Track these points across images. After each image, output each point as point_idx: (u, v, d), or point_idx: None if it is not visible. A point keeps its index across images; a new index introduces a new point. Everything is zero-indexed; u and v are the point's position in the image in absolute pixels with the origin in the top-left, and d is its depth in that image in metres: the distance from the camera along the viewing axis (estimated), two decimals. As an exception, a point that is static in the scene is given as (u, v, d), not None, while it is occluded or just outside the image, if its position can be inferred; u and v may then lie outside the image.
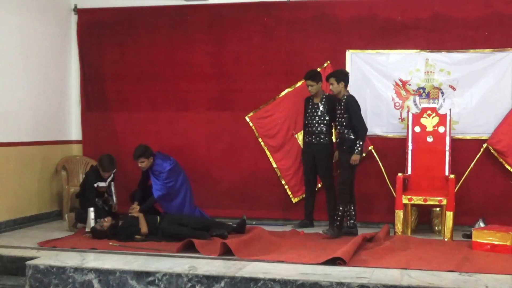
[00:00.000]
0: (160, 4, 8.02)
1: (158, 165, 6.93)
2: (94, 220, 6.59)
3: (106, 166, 6.87)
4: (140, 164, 6.89)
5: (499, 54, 7.10)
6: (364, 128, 6.69)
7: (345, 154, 6.69)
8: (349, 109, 6.66)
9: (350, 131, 6.69)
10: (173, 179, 6.97)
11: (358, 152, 6.60)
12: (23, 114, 7.36)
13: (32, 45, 7.51)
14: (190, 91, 7.98)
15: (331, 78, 6.75)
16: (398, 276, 4.90)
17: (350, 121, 6.66)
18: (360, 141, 6.62)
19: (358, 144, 6.61)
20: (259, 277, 4.81)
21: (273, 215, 7.68)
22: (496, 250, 5.83)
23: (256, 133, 7.78)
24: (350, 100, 6.72)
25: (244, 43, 7.81)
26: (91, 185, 6.90)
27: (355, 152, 6.59)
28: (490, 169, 7.13)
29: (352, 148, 6.63)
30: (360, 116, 6.71)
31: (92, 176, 6.98)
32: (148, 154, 6.88)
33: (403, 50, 7.38)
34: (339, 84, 6.70)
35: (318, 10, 7.58)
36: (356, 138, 6.64)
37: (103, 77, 8.26)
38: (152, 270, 5.05)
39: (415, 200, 6.65)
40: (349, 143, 6.67)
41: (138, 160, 6.87)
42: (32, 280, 5.20)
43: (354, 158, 6.60)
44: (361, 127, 6.66)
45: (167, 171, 6.92)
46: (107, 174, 6.94)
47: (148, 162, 6.88)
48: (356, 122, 6.65)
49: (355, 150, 6.59)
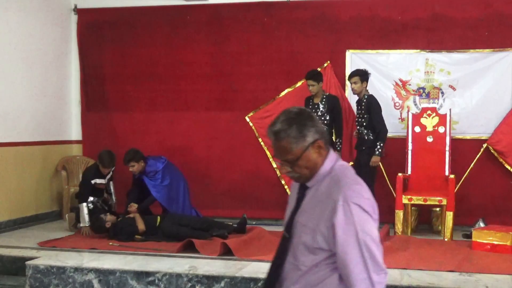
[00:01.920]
0: (160, 4, 8.03)
1: (151, 165, 6.89)
2: (87, 215, 6.59)
3: (106, 162, 6.83)
4: (131, 169, 6.77)
5: (499, 54, 7.10)
6: (384, 129, 6.61)
7: (364, 155, 6.62)
8: (371, 109, 6.60)
9: (370, 132, 6.64)
10: (168, 177, 6.95)
11: (378, 153, 6.54)
12: (23, 114, 7.36)
13: (32, 45, 7.51)
14: (190, 91, 7.98)
15: (354, 76, 6.65)
16: (398, 276, 4.91)
17: (370, 121, 6.60)
18: (380, 142, 6.55)
19: (379, 145, 6.54)
20: (259, 277, 4.80)
21: (273, 215, 7.67)
22: (496, 250, 5.83)
23: (256, 133, 7.78)
24: (371, 100, 6.65)
25: (244, 43, 7.81)
26: (88, 180, 6.85)
27: (375, 154, 6.53)
28: (490, 169, 7.13)
29: (372, 149, 6.56)
30: (381, 117, 6.63)
31: (90, 172, 6.94)
32: (138, 158, 6.77)
33: (403, 50, 7.38)
34: (363, 84, 6.64)
35: (318, 10, 7.58)
36: (376, 139, 6.57)
37: (103, 77, 8.27)
38: (152, 270, 5.05)
39: (415, 200, 6.65)
40: (369, 143, 6.61)
41: (128, 164, 6.75)
42: (32, 280, 5.20)
43: (374, 160, 6.54)
44: (381, 128, 6.59)
45: (161, 170, 6.90)
46: (106, 171, 6.91)
47: (139, 166, 6.79)
48: (377, 122, 6.57)
49: (376, 152, 6.53)
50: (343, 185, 2.13)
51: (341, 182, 2.14)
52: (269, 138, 2.21)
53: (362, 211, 2.08)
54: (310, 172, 2.20)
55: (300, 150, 2.16)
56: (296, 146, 2.15)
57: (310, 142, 2.16)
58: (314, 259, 2.13)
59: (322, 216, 2.11)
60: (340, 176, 2.18)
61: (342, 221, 2.06)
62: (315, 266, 2.14)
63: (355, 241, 2.05)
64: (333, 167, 2.22)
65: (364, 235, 2.05)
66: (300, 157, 2.16)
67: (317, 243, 2.11)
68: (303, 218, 2.20)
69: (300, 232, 2.19)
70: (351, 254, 2.05)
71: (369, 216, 2.10)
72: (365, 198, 2.12)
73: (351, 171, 2.23)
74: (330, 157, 2.23)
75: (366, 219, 2.09)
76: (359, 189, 2.14)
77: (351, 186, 2.14)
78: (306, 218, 2.18)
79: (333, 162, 2.23)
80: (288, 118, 2.16)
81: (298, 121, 2.16)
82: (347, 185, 2.13)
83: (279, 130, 2.15)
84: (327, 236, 2.09)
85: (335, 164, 2.23)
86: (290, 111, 2.19)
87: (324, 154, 2.21)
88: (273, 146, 2.21)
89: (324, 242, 2.10)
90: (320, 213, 2.13)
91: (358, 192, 2.12)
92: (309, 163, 2.18)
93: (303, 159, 2.17)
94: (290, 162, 2.18)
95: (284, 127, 2.15)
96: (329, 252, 2.11)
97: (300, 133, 2.15)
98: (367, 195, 2.14)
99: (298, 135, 2.14)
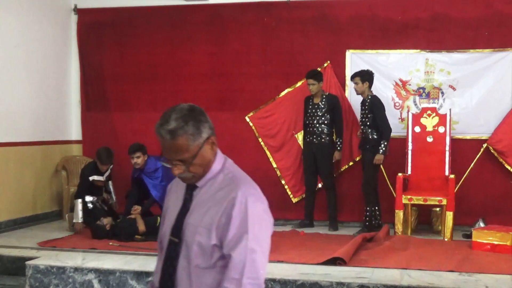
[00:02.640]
0: (160, 4, 8.02)
1: (151, 163, 6.88)
2: (81, 212, 6.59)
3: (104, 159, 6.82)
4: (135, 160, 6.71)
5: (499, 54, 7.10)
6: (388, 129, 6.76)
7: (368, 154, 6.77)
8: (374, 110, 6.74)
9: (374, 131, 6.77)
10: (167, 177, 6.94)
11: (382, 152, 6.68)
12: (23, 114, 7.36)
13: (32, 45, 7.51)
14: (190, 91, 7.97)
15: (356, 77, 6.82)
16: (398, 276, 4.91)
17: (374, 121, 6.74)
18: (384, 141, 6.70)
19: (383, 144, 6.69)
20: (259, 277, 4.80)
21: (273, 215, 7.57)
22: (496, 250, 5.83)
23: (256, 133, 7.78)
24: (374, 100, 6.80)
25: (244, 43, 7.81)
26: (86, 177, 6.85)
27: (379, 152, 6.67)
28: (490, 169, 7.13)
29: (375, 147, 6.70)
30: (384, 117, 6.78)
31: (88, 169, 6.94)
32: (144, 150, 6.82)
33: (403, 50, 7.38)
34: (364, 84, 6.78)
35: (318, 10, 7.58)
36: (380, 138, 6.71)
37: (103, 77, 8.26)
38: (152, 270, 5.03)
39: (415, 200, 6.65)
40: (373, 142, 6.75)
41: (134, 154, 6.70)
42: (32, 280, 5.20)
43: (378, 158, 6.68)
44: (385, 128, 6.74)
45: (161, 167, 6.90)
46: (104, 167, 6.91)
47: (143, 159, 6.76)
48: (380, 122, 6.73)
49: (380, 150, 6.67)
50: (240, 181, 2.09)
51: (238, 179, 2.11)
52: (160, 137, 2.08)
53: (260, 209, 2.07)
54: (204, 171, 2.12)
55: (197, 147, 2.07)
56: (193, 143, 2.06)
57: (205, 138, 2.08)
58: (209, 260, 2.06)
59: (218, 213, 2.04)
60: (235, 173, 2.14)
61: (238, 216, 2.02)
62: (210, 268, 2.07)
63: (245, 242, 2.01)
64: (224, 164, 2.16)
65: (253, 240, 2.02)
66: (197, 155, 2.07)
67: (213, 240, 2.04)
68: (195, 219, 2.10)
69: (192, 233, 2.09)
70: (235, 252, 2.00)
71: (265, 216, 2.10)
72: (261, 197, 2.12)
73: (240, 169, 2.19)
74: (219, 154, 2.17)
75: (262, 219, 2.08)
76: (255, 187, 2.12)
77: (247, 183, 2.11)
78: (199, 218, 2.09)
79: (223, 159, 2.17)
80: (183, 115, 2.05)
81: (193, 117, 2.06)
82: (243, 182, 2.10)
83: (175, 128, 2.03)
84: (222, 231, 2.03)
85: (225, 162, 2.17)
86: (181, 108, 2.08)
87: (215, 151, 2.14)
88: (165, 146, 2.09)
89: (219, 239, 2.04)
90: (216, 211, 2.06)
91: (255, 189, 2.11)
92: (204, 161, 2.10)
93: (199, 157, 2.08)
94: (185, 161, 2.08)
95: (180, 124, 2.04)
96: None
97: (197, 129, 2.06)
98: (261, 194, 2.13)
99: (195, 132, 2.05)
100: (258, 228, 2.05)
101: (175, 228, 2.16)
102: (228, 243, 2.02)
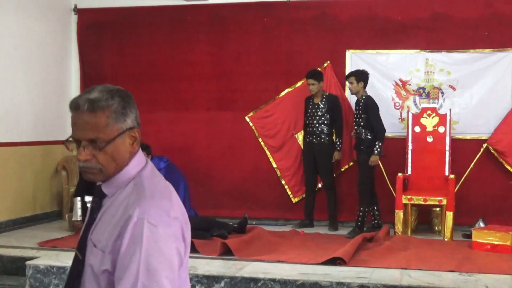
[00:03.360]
0: (160, 4, 8.02)
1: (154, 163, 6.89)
2: (80, 210, 6.60)
3: None
4: None
5: (499, 54, 7.10)
6: (382, 129, 6.73)
7: (363, 154, 6.75)
8: (368, 110, 6.71)
9: (368, 131, 6.73)
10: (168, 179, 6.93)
11: (377, 153, 6.65)
12: (23, 114, 7.36)
13: (32, 45, 7.51)
14: (190, 91, 7.98)
15: (351, 77, 6.79)
16: (398, 276, 4.91)
17: (368, 122, 6.71)
18: (379, 142, 6.66)
19: (377, 145, 6.65)
20: (259, 277, 4.81)
21: (273, 215, 7.68)
22: (496, 250, 5.83)
23: (256, 133, 7.78)
24: (369, 101, 6.76)
25: (244, 43, 7.81)
26: None
27: (374, 153, 6.63)
28: (490, 169, 7.13)
29: (370, 148, 6.67)
30: (379, 117, 6.74)
31: None
32: (149, 150, 6.82)
33: (403, 50, 7.38)
34: (359, 84, 6.75)
35: (318, 10, 7.58)
36: (374, 139, 6.68)
37: (103, 77, 8.25)
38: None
39: (415, 200, 6.65)
40: (367, 143, 6.72)
41: None
42: (32, 280, 5.20)
43: (373, 159, 6.64)
44: (379, 128, 6.71)
45: (163, 168, 6.91)
46: None
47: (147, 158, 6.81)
48: (375, 123, 6.69)
49: (374, 151, 6.63)
50: (146, 197, 1.68)
51: (144, 193, 1.70)
52: (73, 110, 1.71)
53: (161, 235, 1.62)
54: (114, 170, 1.74)
55: (116, 131, 1.70)
56: (114, 124, 1.69)
57: (128, 126, 1.73)
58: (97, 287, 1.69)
59: (113, 234, 1.66)
60: (146, 185, 1.73)
61: (129, 242, 1.61)
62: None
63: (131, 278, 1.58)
64: (140, 172, 1.77)
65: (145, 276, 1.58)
66: (113, 140, 1.69)
67: (105, 264, 1.66)
68: (95, 235, 1.73)
69: (89, 253, 1.72)
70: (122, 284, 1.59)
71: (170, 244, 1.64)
72: (170, 218, 1.67)
73: (162, 182, 1.81)
74: (138, 158, 1.79)
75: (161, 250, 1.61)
76: (164, 206, 1.69)
77: (155, 199, 1.68)
78: (98, 235, 1.71)
79: (141, 166, 1.79)
80: (110, 90, 1.72)
81: (121, 96, 1.73)
82: (150, 198, 1.68)
83: (98, 98, 1.68)
84: (115, 257, 1.64)
85: (143, 169, 1.79)
86: (109, 85, 1.75)
87: (134, 151, 1.78)
88: (76, 122, 1.71)
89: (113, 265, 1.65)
90: (112, 231, 1.67)
91: (162, 209, 1.67)
92: (117, 155, 1.72)
93: (115, 146, 1.70)
94: (97, 144, 1.69)
95: (105, 97, 1.69)
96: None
97: (123, 109, 1.71)
98: (174, 213, 1.69)
99: (120, 111, 1.70)
100: (155, 261, 1.60)
101: (81, 241, 1.79)
102: (116, 275, 1.63)
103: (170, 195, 1.75)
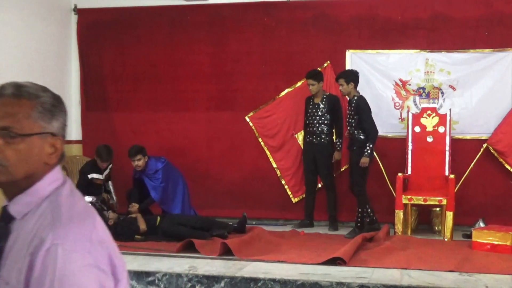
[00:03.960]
0: (160, 4, 8.02)
1: (151, 164, 6.91)
2: None
3: (103, 156, 6.83)
4: (137, 162, 6.76)
5: (499, 54, 7.10)
6: (374, 130, 6.64)
7: (355, 155, 6.65)
8: (359, 111, 6.62)
9: (360, 132, 6.65)
10: (165, 178, 6.95)
11: (367, 154, 6.54)
12: (23, 114, 7.35)
13: (32, 45, 7.50)
14: (190, 91, 7.98)
15: (340, 78, 6.69)
16: (398, 276, 4.91)
17: (360, 122, 6.62)
18: (370, 144, 6.56)
19: (368, 146, 6.55)
20: (259, 277, 4.81)
21: (273, 215, 7.68)
22: (496, 250, 5.83)
23: (256, 133, 7.78)
24: (360, 101, 6.66)
25: (244, 43, 7.81)
26: (85, 174, 6.84)
27: (364, 155, 6.53)
28: (490, 169, 7.13)
29: (362, 149, 6.58)
30: (370, 118, 6.65)
31: (87, 166, 6.94)
32: (144, 152, 6.85)
33: (403, 50, 7.38)
34: (349, 85, 6.65)
35: (318, 10, 7.58)
36: (366, 140, 6.59)
37: (103, 77, 8.26)
38: (152, 270, 5.05)
39: (415, 200, 6.65)
40: (359, 144, 6.63)
41: (135, 157, 6.75)
42: None
43: (363, 161, 6.54)
44: (371, 129, 6.61)
45: (161, 169, 6.91)
46: (104, 165, 6.91)
47: (144, 161, 6.80)
48: (366, 124, 6.59)
49: (365, 153, 6.54)
50: (62, 218, 1.40)
51: (61, 214, 1.42)
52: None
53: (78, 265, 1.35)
54: (23, 175, 1.45)
55: (38, 128, 1.45)
56: (37, 118, 1.45)
57: (53, 131, 1.48)
58: None
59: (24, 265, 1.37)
60: (63, 204, 1.45)
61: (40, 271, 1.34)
62: None
63: None
64: (57, 190, 1.49)
65: None
66: (30, 136, 1.44)
67: None
68: (6, 271, 1.43)
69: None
70: None
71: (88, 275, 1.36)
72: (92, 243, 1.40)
73: (82, 201, 1.52)
74: (55, 174, 1.51)
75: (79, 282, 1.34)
76: (85, 228, 1.42)
77: (74, 221, 1.41)
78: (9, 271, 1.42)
79: (58, 183, 1.50)
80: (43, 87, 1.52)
81: (54, 94, 1.52)
82: (68, 219, 1.40)
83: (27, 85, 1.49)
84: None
85: (60, 188, 1.50)
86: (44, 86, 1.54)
87: (51, 164, 1.51)
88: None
89: None
90: (23, 261, 1.38)
91: (81, 233, 1.40)
92: (30, 159, 1.44)
93: (29, 145, 1.44)
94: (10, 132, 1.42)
95: (36, 87, 1.49)
96: None
97: (53, 107, 1.48)
98: (97, 237, 1.42)
99: (49, 107, 1.47)
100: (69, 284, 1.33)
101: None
102: None
103: (93, 216, 1.48)
